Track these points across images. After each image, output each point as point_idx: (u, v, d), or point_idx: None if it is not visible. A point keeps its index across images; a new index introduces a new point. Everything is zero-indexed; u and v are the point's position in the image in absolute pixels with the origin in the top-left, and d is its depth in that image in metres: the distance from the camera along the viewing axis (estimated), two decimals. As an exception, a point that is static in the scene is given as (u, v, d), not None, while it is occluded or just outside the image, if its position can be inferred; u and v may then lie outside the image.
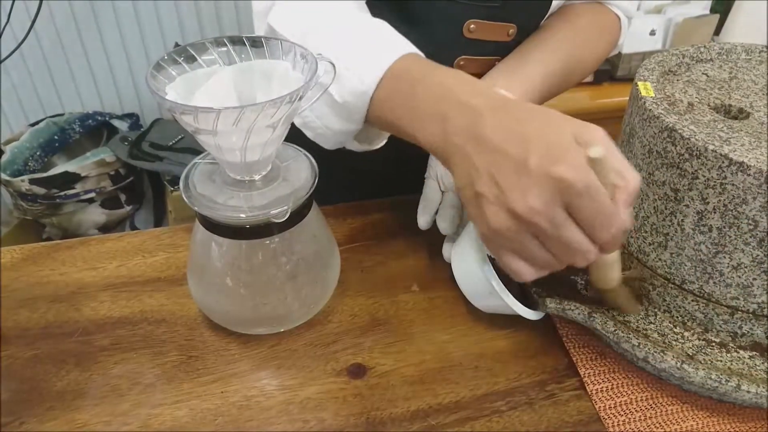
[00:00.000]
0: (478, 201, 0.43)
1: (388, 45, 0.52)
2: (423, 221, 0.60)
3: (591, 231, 0.40)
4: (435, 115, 0.46)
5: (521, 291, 0.56)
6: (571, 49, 0.66)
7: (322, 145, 0.57)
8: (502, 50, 0.65)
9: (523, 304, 0.53)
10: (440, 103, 0.46)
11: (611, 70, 1.49)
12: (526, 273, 0.44)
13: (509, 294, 0.51)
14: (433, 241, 0.62)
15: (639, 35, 1.45)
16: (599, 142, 0.40)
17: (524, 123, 0.42)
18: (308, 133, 0.56)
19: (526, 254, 0.43)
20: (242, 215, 0.47)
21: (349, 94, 0.50)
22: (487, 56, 0.66)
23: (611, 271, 0.47)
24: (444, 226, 0.58)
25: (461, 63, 0.66)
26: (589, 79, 1.46)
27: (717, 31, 1.53)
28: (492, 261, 0.52)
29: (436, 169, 0.62)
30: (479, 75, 0.63)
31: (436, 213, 0.60)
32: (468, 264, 0.54)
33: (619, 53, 1.44)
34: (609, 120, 1.45)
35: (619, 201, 0.40)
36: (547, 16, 0.68)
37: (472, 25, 0.63)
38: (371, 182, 0.75)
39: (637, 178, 0.41)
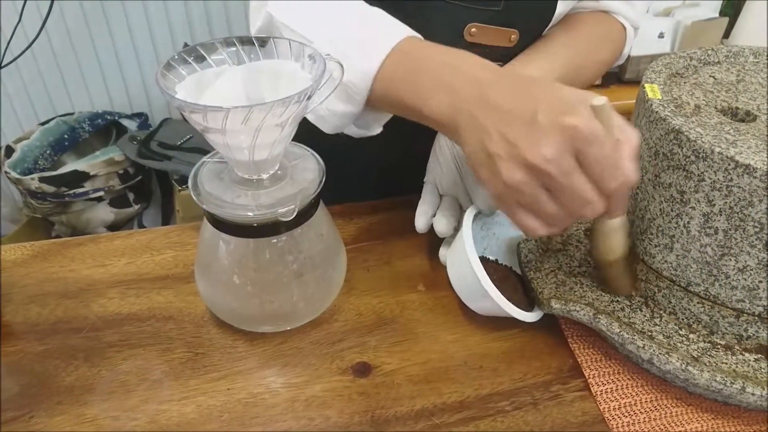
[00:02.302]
0: (490, 161, 0.44)
1: (391, 27, 0.53)
2: (420, 224, 0.60)
3: (599, 179, 0.42)
4: (442, 87, 0.48)
5: (523, 291, 0.56)
6: (573, 57, 0.65)
7: (321, 129, 0.57)
8: (504, 56, 0.65)
9: (524, 306, 0.54)
10: (447, 76, 0.48)
11: (619, 73, 1.49)
12: (538, 228, 0.45)
13: (501, 296, 0.51)
14: (439, 241, 0.62)
15: (647, 38, 1.44)
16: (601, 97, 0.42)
17: (531, 86, 0.45)
18: (309, 116, 0.56)
19: (538, 208, 0.44)
20: (250, 214, 0.48)
21: (353, 74, 0.51)
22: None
23: (614, 238, 0.48)
24: (441, 229, 0.59)
25: None
26: (597, 81, 1.46)
27: (726, 35, 1.53)
28: (484, 263, 0.52)
29: (434, 172, 0.62)
30: None
31: (434, 216, 0.60)
32: (461, 267, 0.54)
33: (628, 55, 1.44)
34: (617, 122, 1.45)
35: (623, 154, 0.42)
36: (551, 24, 0.68)
37: (473, 29, 0.63)
38: (377, 182, 0.76)
39: (637, 134, 0.43)
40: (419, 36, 0.53)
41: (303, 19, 0.55)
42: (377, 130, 0.60)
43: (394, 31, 0.52)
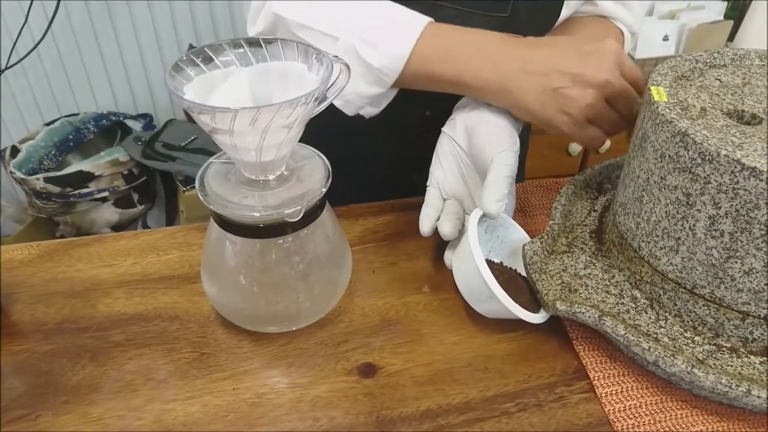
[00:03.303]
0: (557, 95, 0.54)
1: (413, 14, 0.58)
2: (425, 227, 0.60)
3: (634, 81, 0.56)
4: (479, 55, 0.56)
5: (529, 293, 0.56)
6: None
7: (345, 111, 0.62)
8: None
9: (531, 308, 0.54)
10: (480, 45, 0.56)
11: (624, 75, 1.49)
12: (603, 137, 0.58)
13: (509, 298, 0.51)
14: (444, 243, 0.62)
15: (652, 41, 1.44)
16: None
17: (553, 40, 0.58)
18: (336, 102, 0.59)
19: (605, 118, 0.56)
20: (256, 214, 0.48)
21: (386, 58, 0.56)
22: None
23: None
24: (446, 232, 0.59)
25: None
26: (602, 83, 1.46)
27: (731, 37, 1.53)
28: (489, 265, 0.52)
29: (437, 175, 0.62)
30: None
31: (438, 219, 0.60)
32: (468, 269, 0.54)
33: (632, 58, 1.44)
34: (621, 125, 1.45)
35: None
36: (553, 28, 0.68)
37: None
38: (382, 184, 0.76)
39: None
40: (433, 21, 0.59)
41: (321, 16, 0.58)
42: (383, 107, 0.64)
43: (417, 16, 0.58)
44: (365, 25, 0.57)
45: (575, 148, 1.49)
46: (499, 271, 0.58)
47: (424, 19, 0.58)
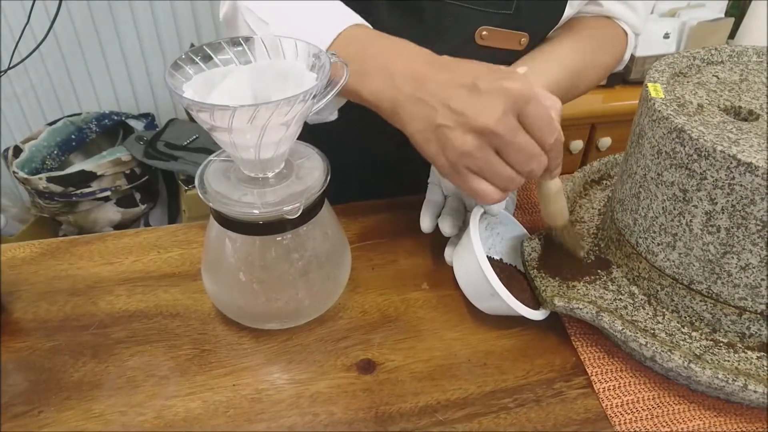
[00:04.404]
0: (439, 133, 0.46)
1: (340, 15, 0.55)
2: (425, 224, 0.60)
3: (539, 135, 0.46)
4: (381, 71, 0.50)
5: (530, 290, 0.56)
6: (577, 60, 0.66)
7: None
8: (513, 59, 0.66)
9: (531, 305, 0.54)
10: (385, 61, 0.50)
11: (624, 74, 1.49)
12: (493, 193, 0.48)
13: (510, 295, 0.51)
14: (443, 240, 0.63)
15: (653, 39, 1.44)
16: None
17: (462, 63, 0.48)
18: None
19: (491, 170, 0.47)
20: (256, 211, 0.48)
21: None
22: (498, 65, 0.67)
23: (559, 203, 0.54)
24: (446, 229, 0.59)
25: None
26: (603, 82, 1.46)
27: (732, 35, 1.52)
28: (492, 262, 0.53)
29: (437, 173, 0.62)
30: None
31: (438, 216, 0.61)
32: (469, 267, 0.54)
33: (633, 56, 1.44)
34: (622, 123, 1.45)
35: (553, 114, 0.46)
36: (557, 27, 0.68)
37: (484, 32, 0.63)
38: (382, 182, 0.76)
39: (558, 99, 0.48)
40: (368, 25, 0.55)
41: (262, 1, 0.56)
42: (332, 116, 0.61)
43: (341, 18, 0.54)
44: (293, 18, 0.54)
45: (576, 146, 1.49)
46: (499, 268, 0.58)
47: (348, 20, 0.53)
